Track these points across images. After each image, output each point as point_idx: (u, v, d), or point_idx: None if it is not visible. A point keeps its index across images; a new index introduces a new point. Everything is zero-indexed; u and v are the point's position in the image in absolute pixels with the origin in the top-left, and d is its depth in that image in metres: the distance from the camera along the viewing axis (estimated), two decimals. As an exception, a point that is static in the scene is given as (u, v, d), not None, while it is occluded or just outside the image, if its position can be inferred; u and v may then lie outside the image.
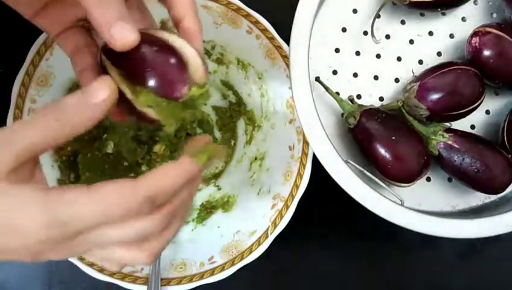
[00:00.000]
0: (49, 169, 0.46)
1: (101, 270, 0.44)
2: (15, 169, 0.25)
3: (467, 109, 0.45)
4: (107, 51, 0.28)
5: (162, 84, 0.26)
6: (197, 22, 0.30)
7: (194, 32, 0.30)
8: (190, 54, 0.28)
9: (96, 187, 0.26)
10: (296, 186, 0.45)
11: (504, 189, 0.45)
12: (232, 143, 0.52)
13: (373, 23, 0.47)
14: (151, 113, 0.27)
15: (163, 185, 0.26)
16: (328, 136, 0.41)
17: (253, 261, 0.45)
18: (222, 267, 0.45)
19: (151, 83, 0.26)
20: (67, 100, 0.26)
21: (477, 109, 0.45)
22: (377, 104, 0.48)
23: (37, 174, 0.27)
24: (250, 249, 0.45)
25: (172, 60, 0.27)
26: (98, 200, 0.25)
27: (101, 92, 0.26)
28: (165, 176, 0.26)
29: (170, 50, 0.27)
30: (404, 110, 0.46)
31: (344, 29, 0.48)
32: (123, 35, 0.26)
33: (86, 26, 0.33)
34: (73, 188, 0.26)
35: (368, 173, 0.43)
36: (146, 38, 0.27)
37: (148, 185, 0.26)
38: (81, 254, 0.27)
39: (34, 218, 0.25)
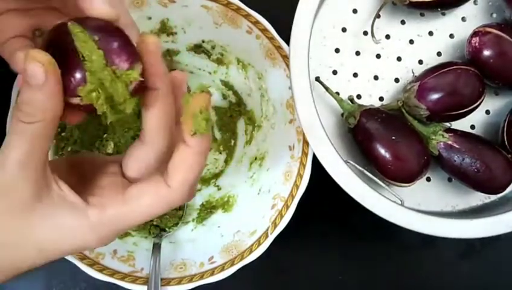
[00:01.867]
0: (49, 169, 0.46)
1: (101, 270, 0.44)
2: (39, 191, 0.26)
3: (467, 109, 0.45)
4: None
5: (113, 50, 0.26)
6: (130, 17, 0.30)
7: (130, 27, 0.30)
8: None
9: (133, 199, 0.28)
10: (296, 186, 0.45)
11: (504, 189, 0.45)
12: (232, 143, 0.52)
13: (373, 23, 0.47)
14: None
15: (193, 178, 0.28)
16: (328, 136, 0.41)
17: (253, 261, 0.45)
18: (222, 267, 0.45)
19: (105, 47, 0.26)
20: (21, 100, 0.26)
21: (477, 109, 0.45)
22: (377, 104, 0.48)
23: (63, 186, 0.28)
24: (250, 249, 0.45)
25: (127, 41, 0.27)
26: (140, 213, 0.28)
27: (38, 69, 0.25)
28: (190, 169, 0.28)
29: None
30: (404, 110, 0.46)
31: (344, 29, 0.48)
32: (101, 4, 0.27)
33: (36, 39, 0.33)
34: (110, 203, 0.28)
35: (368, 173, 0.43)
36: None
37: (181, 187, 0.28)
38: None
39: (83, 242, 0.28)
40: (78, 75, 0.26)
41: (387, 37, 0.49)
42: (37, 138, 0.26)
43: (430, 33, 0.49)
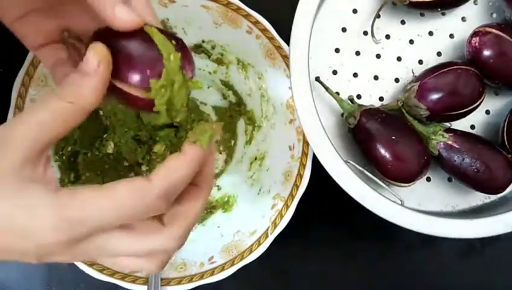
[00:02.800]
0: (49, 169, 0.46)
1: (101, 270, 0.44)
2: (25, 164, 0.25)
3: (467, 109, 0.45)
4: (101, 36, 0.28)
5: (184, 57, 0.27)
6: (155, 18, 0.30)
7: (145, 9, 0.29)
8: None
9: (108, 187, 0.25)
10: (296, 186, 0.45)
11: (504, 189, 0.45)
12: (232, 143, 0.52)
13: (373, 23, 0.47)
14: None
15: (175, 179, 0.26)
16: (328, 136, 0.42)
17: (253, 261, 0.45)
18: (222, 267, 0.45)
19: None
20: (65, 80, 0.26)
21: (477, 109, 0.45)
22: (377, 104, 0.48)
23: (49, 172, 0.27)
24: (250, 249, 0.45)
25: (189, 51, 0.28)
26: (111, 200, 0.25)
27: (93, 58, 0.26)
28: (174, 170, 0.27)
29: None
30: (404, 110, 0.46)
31: (344, 29, 0.48)
32: (125, 14, 0.26)
33: (67, 40, 0.33)
34: (85, 188, 0.25)
35: (368, 173, 0.43)
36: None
37: (160, 182, 0.26)
38: (88, 259, 0.27)
39: (42, 220, 0.24)
40: (152, 70, 0.26)
41: (387, 37, 0.49)
42: (60, 116, 0.25)
43: (430, 33, 0.49)
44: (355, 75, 0.48)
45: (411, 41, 0.49)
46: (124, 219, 0.26)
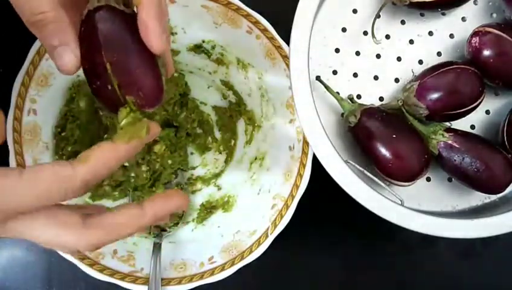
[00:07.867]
0: (49, 169, 0.45)
1: (101, 270, 0.44)
2: None
3: (467, 108, 0.45)
4: None
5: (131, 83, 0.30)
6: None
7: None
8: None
9: (32, 170, 0.26)
10: (296, 186, 0.45)
11: (504, 189, 0.45)
12: (232, 143, 0.52)
13: (373, 23, 0.47)
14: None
15: (99, 169, 0.28)
16: (328, 136, 0.41)
17: (253, 261, 0.45)
18: (222, 267, 0.45)
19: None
20: None
21: (477, 109, 0.45)
22: (377, 104, 0.48)
23: None
24: (250, 249, 0.45)
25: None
26: (33, 184, 0.26)
27: None
28: (101, 162, 0.28)
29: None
30: (404, 109, 0.46)
31: (344, 29, 0.48)
32: (63, 62, 0.28)
33: None
34: (5, 170, 0.26)
35: (368, 173, 0.43)
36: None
37: (86, 169, 0.28)
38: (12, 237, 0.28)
39: None
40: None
41: (387, 37, 0.49)
42: None
43: (430, 33, 0.49)
44: (355, 75, 0.48)
45: (411, 41, 0.49)
46: (45, 201, 0.27)
